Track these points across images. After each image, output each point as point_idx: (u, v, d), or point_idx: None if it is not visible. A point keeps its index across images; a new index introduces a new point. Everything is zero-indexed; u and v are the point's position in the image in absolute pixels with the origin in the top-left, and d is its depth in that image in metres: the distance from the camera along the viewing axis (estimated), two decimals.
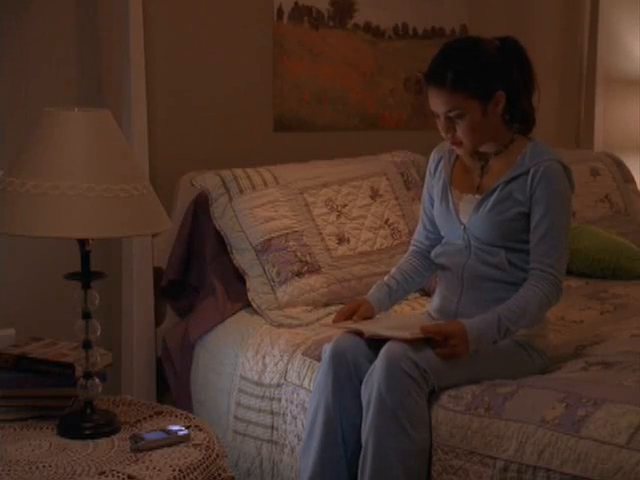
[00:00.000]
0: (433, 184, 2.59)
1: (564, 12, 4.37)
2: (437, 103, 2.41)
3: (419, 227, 2.68)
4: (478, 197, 2.45)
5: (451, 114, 2.40)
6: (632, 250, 3.49)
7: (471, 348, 2.30)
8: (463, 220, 2.47)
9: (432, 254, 2.59)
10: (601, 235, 3.54)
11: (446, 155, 2.58)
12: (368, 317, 2.50)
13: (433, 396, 2.29)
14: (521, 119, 2.48)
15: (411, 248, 2.69)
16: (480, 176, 2.50)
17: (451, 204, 2.50)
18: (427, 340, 2.30)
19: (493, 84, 2.40)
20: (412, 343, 2.27)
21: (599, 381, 2.27)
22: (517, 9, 4.17)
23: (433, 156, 2.63)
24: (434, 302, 2.58)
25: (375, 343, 2.33)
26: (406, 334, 2.30)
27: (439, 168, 2.58)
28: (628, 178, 4.14)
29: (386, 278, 2.63)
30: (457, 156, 2.55)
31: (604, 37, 4.39)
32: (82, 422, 2.20)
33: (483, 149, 2.49)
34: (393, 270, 2.65)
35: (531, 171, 2.39)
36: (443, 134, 2.46)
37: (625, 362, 2.39)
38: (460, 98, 2.37)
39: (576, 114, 4.48)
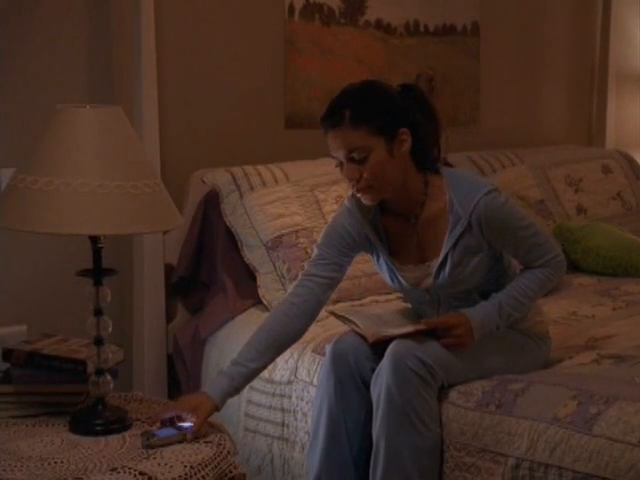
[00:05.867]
0: (353, 247, 2.38)
1: (576, 8, 4.35)
2: (337, 145, 2.25)
3: (312, 264, 2.39)
4: (428, 264, 2.35)
5: (354, 154, 2.23)
6: None
7: (476, 336, 2.29)
8: (423, 287, 2.39)
9: (397, 293, 2.51)
10: (613, 233, 3.52)
11: (366, 226, 2.37)
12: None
13: (443, 393, 2.29)
14: (429, 162, 2.34)
15: (299, 283, 2.39)
16: (417, 237, 2.36)
17: (402, 280, 2.39)
18: (432, 335, 2.29)
19: (395, 121, 2.25)
20: (415, 335, 2.27)
21: (611, 377, 2.27)
22: (529, 5, 4.15)
23: (346, 222, 2.36)
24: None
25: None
26: (409, 328, 2.30)
27: (367, 240, 2.37)
28: None
29: (231, 361, 2.31)
30: (383, 224, 2.38)
31: (616, 34, 4.37)
32: (94, 418, 2.20)
33: (405, 210, 2.35)
34: (243, 348, 2.32)
35: (472, 221, 2.27)
36: (347, 182, 2.29)
37: (638, 357, 2.39)
38: (361, 135, 2.22)
39: (588, 111, 4.46)
